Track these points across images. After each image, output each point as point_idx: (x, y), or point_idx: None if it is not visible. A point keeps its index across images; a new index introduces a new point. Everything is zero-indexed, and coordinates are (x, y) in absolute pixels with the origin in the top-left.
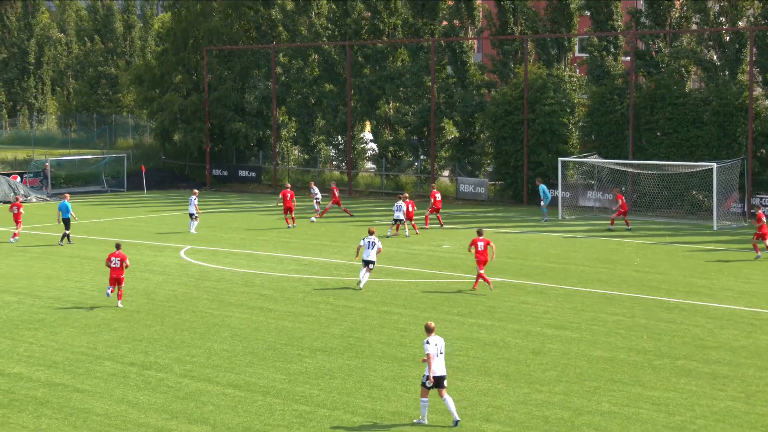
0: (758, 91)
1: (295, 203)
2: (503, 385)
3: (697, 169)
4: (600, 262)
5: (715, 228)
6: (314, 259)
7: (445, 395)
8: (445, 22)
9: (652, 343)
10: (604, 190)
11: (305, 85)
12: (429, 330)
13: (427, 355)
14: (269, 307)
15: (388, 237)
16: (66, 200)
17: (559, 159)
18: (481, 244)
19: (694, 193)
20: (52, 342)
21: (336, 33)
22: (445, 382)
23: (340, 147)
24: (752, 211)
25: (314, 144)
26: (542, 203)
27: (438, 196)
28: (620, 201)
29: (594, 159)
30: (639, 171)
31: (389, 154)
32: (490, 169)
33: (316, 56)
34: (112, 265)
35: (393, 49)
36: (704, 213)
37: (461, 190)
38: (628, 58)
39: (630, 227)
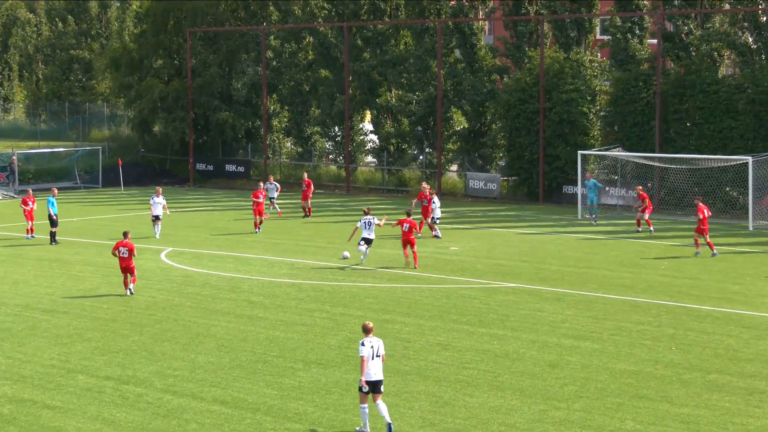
0: None
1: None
2: (517, 401)
3: (731, 164)
4: (623, 265)
5: (750, 228)
6: (308, 262)
7: (379, 401)
8: (453, 1)
9: (681, 355)
10: (629, 187)
11: (299, 71)
12: (366, 330)
13: (361, 357)
14: (259, 315)
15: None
16: (53, 196)
17: (579, 152)
18: (406, 226)
19: (727, 189)
20: (19, 354)
21: (333, 13)
22: (382, 387)
23: (337, 139)
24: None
25: (308, 135)
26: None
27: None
28: (646, 201)
29: (617, 152)
30: (667, 165)
31: (391, 147)
32: (502, 163)
33: (311, 39)
34: (121, 255)
35: (395, 31)
36: (738, 212)
37: (470, 186)
38: (655, 41)
39: (652, 229)
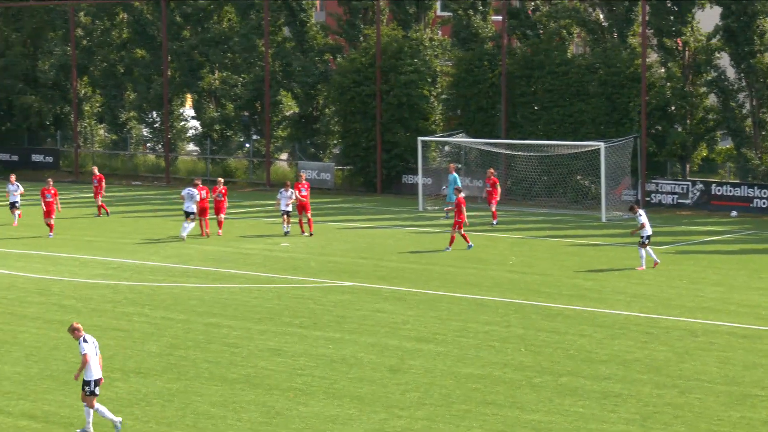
0: (652, 57)
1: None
2: (356, 409)
3: (583, 150)
4: (468, 261)
5: (603, 219)
6: (125, 261)
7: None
8: None
9: (532, 357)
10: (473, 176)
11: (112, 51)
12: (77, 330)
13: (83, 355)
14: (71, 320)
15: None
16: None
17: (419, 139)
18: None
19: (578, 178)
20: None
21: None
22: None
23: (156, 126)
24: (646, 198)
25: (124, 122)
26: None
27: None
28: (492, 186)
29: (460, 138)
30: (514, 152)
31: (215, 134)
32: (336, 151)
33: (125, 15)
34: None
35: (218, 6)
36: (591, 202)
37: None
38: (500, 18)
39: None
